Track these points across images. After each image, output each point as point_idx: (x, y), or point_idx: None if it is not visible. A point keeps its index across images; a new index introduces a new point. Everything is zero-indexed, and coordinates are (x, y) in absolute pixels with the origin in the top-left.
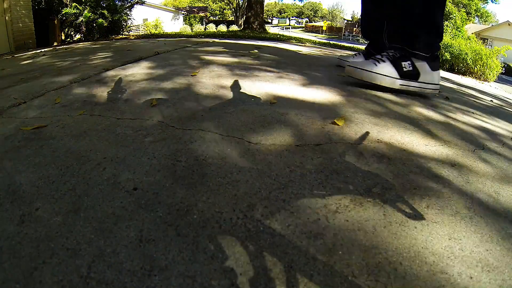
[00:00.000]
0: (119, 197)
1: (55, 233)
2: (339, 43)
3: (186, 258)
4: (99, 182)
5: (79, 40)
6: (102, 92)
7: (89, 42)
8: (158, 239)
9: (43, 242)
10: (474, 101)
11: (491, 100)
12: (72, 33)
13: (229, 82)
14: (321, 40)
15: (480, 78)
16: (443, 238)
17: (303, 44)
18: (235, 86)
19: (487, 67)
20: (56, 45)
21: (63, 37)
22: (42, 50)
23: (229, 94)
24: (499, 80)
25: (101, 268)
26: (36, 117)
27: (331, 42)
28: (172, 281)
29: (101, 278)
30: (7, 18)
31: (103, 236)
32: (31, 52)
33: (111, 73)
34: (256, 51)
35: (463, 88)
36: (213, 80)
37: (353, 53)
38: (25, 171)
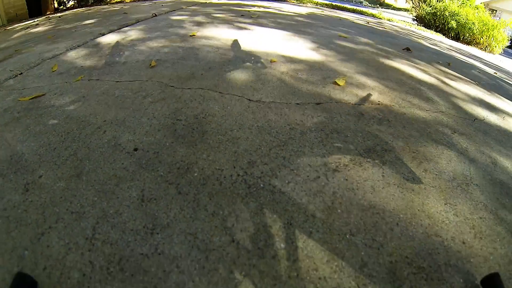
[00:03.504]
0: (120, 159)
1: (59, 198)
2: (342, 5)
3: (187, 216)
4: (99, 145)
5: (72, 7)
6: (100, 57)
7: (83, 8)
8: (160, 198)
9: (48, 208)
10: (479, 71)
11: (495, 72)
12: (65, 0)
13: (228, 41)
14: (323, 1)
15: (485, 50)
16: (439, 202)
17: (304, 5)
18: (235, 46)
19: (493, 39)
20: (49, 14)
21: (56, 5)
22: (35, 20)
23: (229, 53)
24: (505, 53)
25: (105, 229)
26: (34, 86)
27: (333, 3)
28: (174, 239)
29: (106, 239)
30: None
31: (106, 197)
32: (24, 23)
33: (108, 37)
34: (256, 10)
35: (468, 58)
36: (212, 40)
37: None
38: (26, 141)
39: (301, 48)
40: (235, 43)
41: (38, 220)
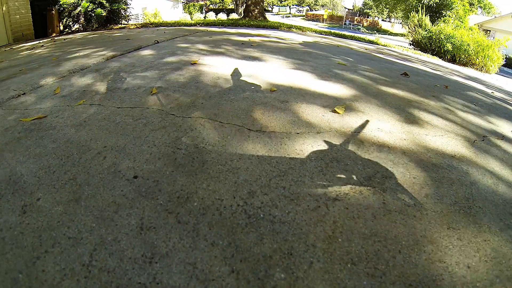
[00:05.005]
0: (119, 186)
1: (57, 222)
2: (340, 32)
3: (186, 245)
4: (99, 171)
5: (77, 30)
6: (102, 82)
7: (88, 32)
8: (159, 226)
9: (45, 232)
10: (476, 92)
11: (492, 92)
12: (70, 23)
13: (229, 70)
14: (321, 29)
15: (481, 70)
16: (441, 227)
17: (304, 33)
18: (235, 74)
19: (488, 58)
20: (54, 36)
21: (61, 28)
22: (41, 41)
23: (229, 82)
24: (501, 72)
25: (103, 256)
26: (36, 108)
27: (332, 31)
28: (173, 268)
29: (103, 266)
30: (4, 9)
31: (104, 224)
32: (29, 44)
33: (110, 62)
34: (256, 39)
35: (465, 79)
36: (213, 68)
37: None
38: (25, 162)
39: (301, 77)
40: (236, 71)
41: (34, 243)
